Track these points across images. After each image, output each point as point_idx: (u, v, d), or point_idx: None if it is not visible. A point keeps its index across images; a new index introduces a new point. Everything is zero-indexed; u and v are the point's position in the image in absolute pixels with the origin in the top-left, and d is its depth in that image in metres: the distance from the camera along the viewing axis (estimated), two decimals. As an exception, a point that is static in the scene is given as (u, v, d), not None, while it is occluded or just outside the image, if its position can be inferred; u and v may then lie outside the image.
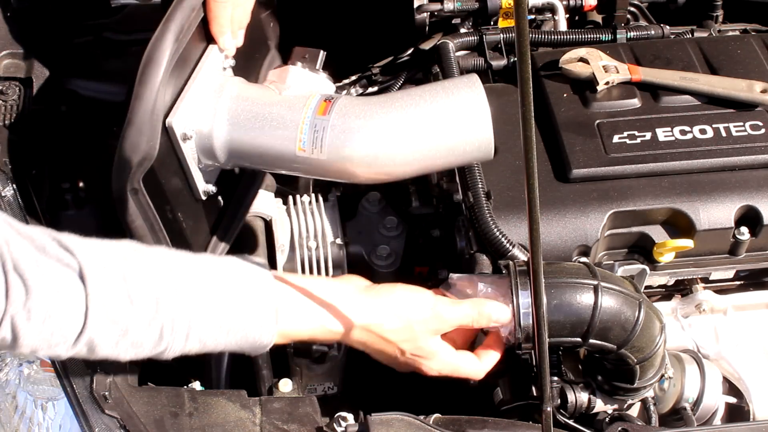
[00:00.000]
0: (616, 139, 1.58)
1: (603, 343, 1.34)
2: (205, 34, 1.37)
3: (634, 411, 1.48)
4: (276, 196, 1.74)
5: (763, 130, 1.59)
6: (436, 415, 1.37)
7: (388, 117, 1.33)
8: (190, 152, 1.35)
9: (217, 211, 1.50)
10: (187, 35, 1.30)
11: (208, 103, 1.35)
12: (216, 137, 1.35)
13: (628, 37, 1.84)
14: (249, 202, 1.56)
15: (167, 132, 1.30)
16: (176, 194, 1.37)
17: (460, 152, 1.35)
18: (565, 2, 1.94)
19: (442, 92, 1.35)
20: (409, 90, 1.39)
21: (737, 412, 1.55)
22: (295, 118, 1.34)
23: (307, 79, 1.39)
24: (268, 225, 1.70)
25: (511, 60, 1.83)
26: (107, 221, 1.60)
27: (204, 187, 1.41)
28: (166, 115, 1.29)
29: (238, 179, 1.52)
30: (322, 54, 1.42)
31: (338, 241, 1.71)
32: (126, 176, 1.26)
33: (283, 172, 1.41)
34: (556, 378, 1.42)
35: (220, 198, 1.45)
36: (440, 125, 1.33)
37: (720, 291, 1.63)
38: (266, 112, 1.35)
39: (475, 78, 1.37)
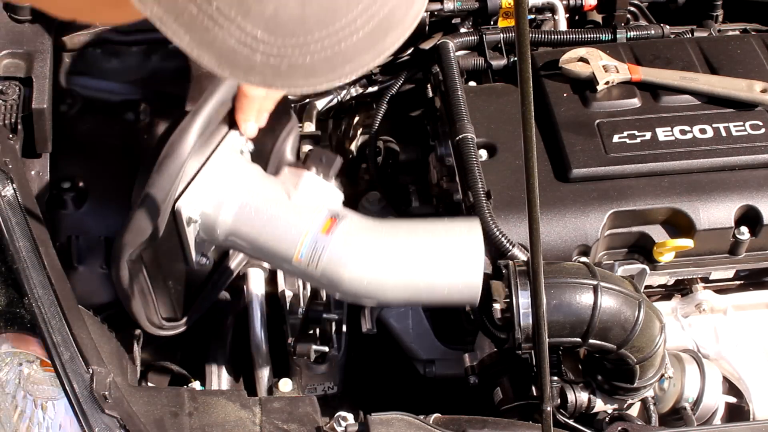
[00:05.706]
0: (616, 138, 1.58)
1: (603, 343, 1.34)
2: (228, 118, 1.35)
3: (634, 411, 1.49)
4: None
5: (763, 130, 1.59)
6: (436, 415, 1.37)
7: (384, 252, 1.33)
8: (192, 233, 1.36)
9: (203, 277, 1.51)
10: (211, 127, 1.29)
11: (218, 190, 1.35)
12: (219, 224, 1.35)
13: (628, 36, 1.84)
14: (231, 273, 1.58)
15: (173, 213, 1.30)
16: (170, 264, 1.39)
17: (445, 294, 1.34)
18: (565, 2, 1.94)
19: (443, 234, 1.34)
20: (413, 225, 1.38)
21: (737, 412, 1.55)
22: (299, 228, 1.33)
23: (318, 188, 1.37)
24: (268, 225, 1.70)
25: (511, 60, 1.83)
26: (107, 222, 1.60)
27: (198, 258, 1.42)
28: (177, 198, 1.29)
29: (227, 252, 1.54)
30: (338, 160, 1.40)
31: (338, 241, 1.71)
32: (125, 253, 1.28)
33: (274, 268, 1.48)
34: (556, 378, 1.42)
35: (208, 264, 1.46)
36: (433, 266, 1.32)
37: (720, 291, 1.63)
38: (273, 214, 1.34)
39: (476, 224, 1.35)
